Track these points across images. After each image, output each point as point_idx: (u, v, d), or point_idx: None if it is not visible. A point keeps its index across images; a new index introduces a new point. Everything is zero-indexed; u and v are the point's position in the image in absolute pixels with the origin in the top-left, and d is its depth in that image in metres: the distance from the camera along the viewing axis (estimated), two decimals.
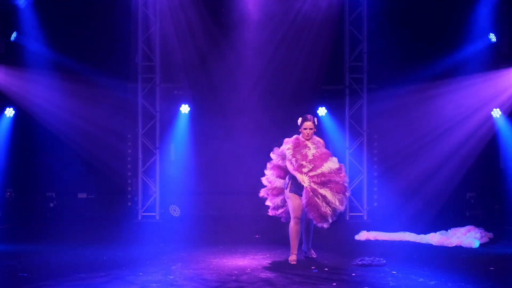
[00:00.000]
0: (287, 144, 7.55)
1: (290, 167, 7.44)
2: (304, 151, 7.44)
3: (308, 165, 7.35)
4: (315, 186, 7.26)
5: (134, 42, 11.35)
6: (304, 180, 7.32)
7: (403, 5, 11.27)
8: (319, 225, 7.30)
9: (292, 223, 7.60)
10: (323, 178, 7.29)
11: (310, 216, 7.28)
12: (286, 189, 7.61)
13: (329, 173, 7.31)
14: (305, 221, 7.74)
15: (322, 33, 11.54)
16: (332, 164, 7.38)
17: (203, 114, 12.03)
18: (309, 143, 7.55)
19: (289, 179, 7.60)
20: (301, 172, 7.35)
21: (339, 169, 7.39)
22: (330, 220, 7.25)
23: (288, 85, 11.85)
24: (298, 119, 7.70)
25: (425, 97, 11.58)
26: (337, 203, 7.24)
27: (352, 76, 11.58)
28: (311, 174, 7.32)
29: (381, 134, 11.98)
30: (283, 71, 11.80)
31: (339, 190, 7.28)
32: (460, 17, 11.37)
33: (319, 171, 7.32)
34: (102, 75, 11.38)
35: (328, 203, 7.21)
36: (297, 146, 7.48)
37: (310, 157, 7.40)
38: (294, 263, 7.58)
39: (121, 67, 11.45)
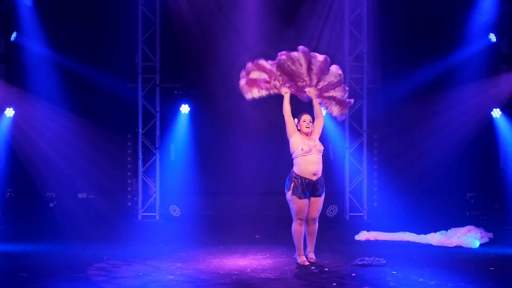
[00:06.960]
0: None
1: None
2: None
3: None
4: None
5: (134, 42, 11.35)
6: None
7: (403, 5, 11.26)
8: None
9: (295, 225, 7.52)
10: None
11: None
12: (288, 191, 7.53)
13: None
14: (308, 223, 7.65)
15: (321, 33, 11.53)
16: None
17: (203, 114, 12.01)
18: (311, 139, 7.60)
19: (291, 181, 7.54)
20: None
21: None
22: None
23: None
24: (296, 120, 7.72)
25: (425, 97, 11.56)
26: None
27: (352, 76, 11.55)
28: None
29: (381, 134, 11.96)
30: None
31: None
32: (460, 17, 11.37)
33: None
34: (102, 74, 11.37)
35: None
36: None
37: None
38: (306, 263, 7.50)
39: (121, 67, 11.43)
